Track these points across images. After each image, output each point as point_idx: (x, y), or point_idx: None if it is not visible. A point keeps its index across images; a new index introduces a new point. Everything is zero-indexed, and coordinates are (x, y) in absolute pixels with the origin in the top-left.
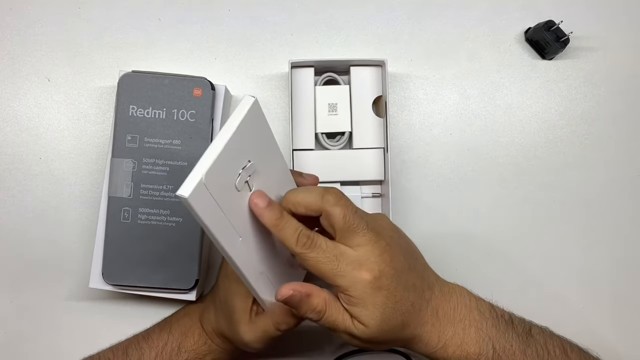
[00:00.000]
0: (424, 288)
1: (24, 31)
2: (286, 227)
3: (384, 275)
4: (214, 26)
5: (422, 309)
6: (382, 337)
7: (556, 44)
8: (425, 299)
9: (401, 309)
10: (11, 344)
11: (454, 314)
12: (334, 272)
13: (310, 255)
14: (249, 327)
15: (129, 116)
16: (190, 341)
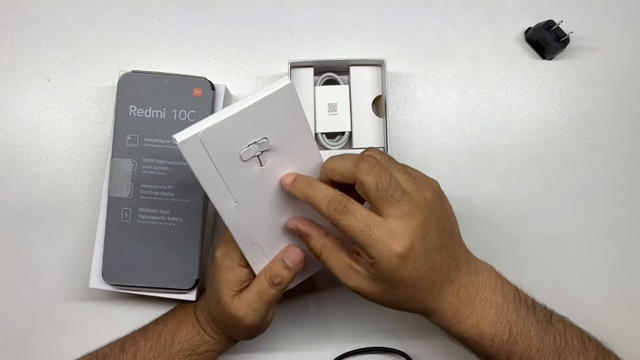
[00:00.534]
0: (451, 267)
1: (24, 31)
2: (317, 194)
3: (414, 251)
4: (214, 26)
5: (444, 288)
6: (387, 300)
7: (556, 44)
8: (450, 279)
9: (420, 286)
10: (11, 344)
11: (476, 294)
12: (366, 241)
13: (343, 221)
14: (239, 302)
15: (129, 116)
16: (183, 332)
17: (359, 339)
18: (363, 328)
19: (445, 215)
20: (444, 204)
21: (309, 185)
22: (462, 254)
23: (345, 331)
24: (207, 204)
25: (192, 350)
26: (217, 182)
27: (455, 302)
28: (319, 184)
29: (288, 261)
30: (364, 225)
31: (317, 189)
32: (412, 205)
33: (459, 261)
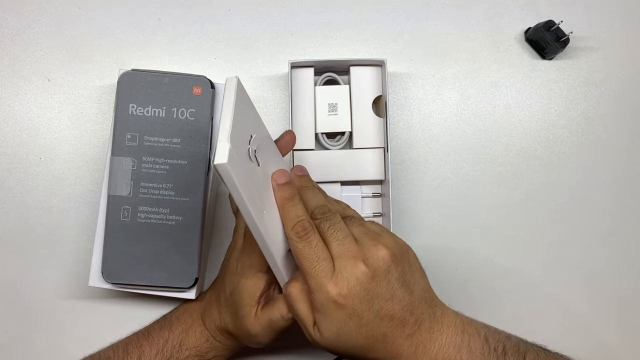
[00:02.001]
0: (407, 322)
1: (24, 31)
2: (291, 210)
3: (353, 295)
4: (214, 26)
5: (397, 342)
6: (341, 350)
7: (556, 44)
8: (406, 334)
9: (366, 333)
10: (11, 344)
11: (438, 353)
12: (308, 271)
13: (298, 245)
14: (255, 320)
15: (128, 115)
16: (192, 339)
17: None
18: None
19: (408, 269)
20: (407, 259)
21: (291, 199)
22: (424, 310)
23: None
24: (206, 202)
25: (201, 357)
26: (251, 193)
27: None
28: (300, 204)
29: None
30: (314, 255)
31: (294, 207)
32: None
33: (420, 317)
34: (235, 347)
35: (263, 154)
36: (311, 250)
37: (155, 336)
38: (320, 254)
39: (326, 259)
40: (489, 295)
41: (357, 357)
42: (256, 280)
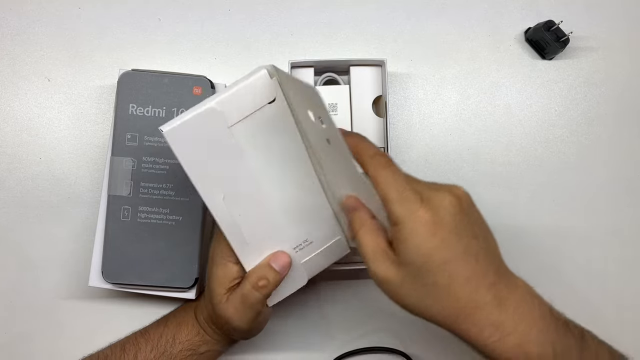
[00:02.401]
0: (489, 269)
1: (24, 31)
2: (369, 144)
3: (443, 223)
4: (214, 26)
5: (480, 290)
6: (413, 289)
7: (556, 44)
8: (488, 282)
9: (451, 272)
10: (11, 344)
11: (517, 310)
12: (397, 198)
13: (383, 172)
14: (227, 303)
15: (128, 115)
16: (184, 332)
17: (359, 339)
18: (363, 328)
19: (484, 221)
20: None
21: (363, 138)
22: (501, 263)
23: (345, 331)
24: None
25: (193, 351)
26: (203, 173)
27: (495, 313)
28: (371, 142)
29: (274, 264)
30: (401, 182)
31: (368, 142)
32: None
33: (498, 267)
34: (226, 342)
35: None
36: (397, 177)
37: (151, 332)
38: (406, 184)
39: (412, 189)
40: None
41: (428, 304)
42: (225, 269)
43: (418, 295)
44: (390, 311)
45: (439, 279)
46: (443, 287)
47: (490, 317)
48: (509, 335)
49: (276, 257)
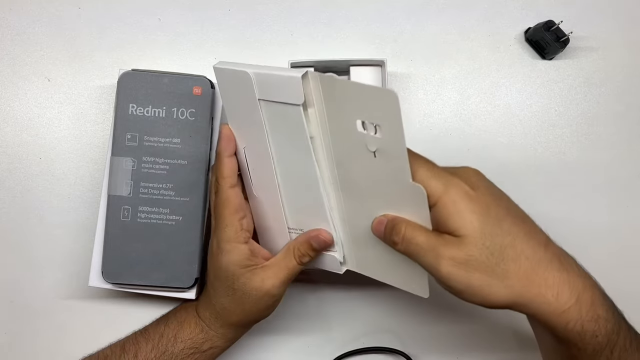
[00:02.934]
0: (536, 229)
1: (24, 31)
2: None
3: (481, 188)
4: (214, 26)
5: (540, 246)
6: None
7: (556, 44)
8: (543, 239)
9: (509, 229)
10: (11, 344)
11: (571, 283)
12: (430, 174)
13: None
14: (265, 273)
15: (128, 115)
16: (186, 331)
17: (359, 339)
18: (363, 328)
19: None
20: None
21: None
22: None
23: (345, 331)
24: (206, 202)
25: (196, 349)
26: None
27: (563, 272)
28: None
29: (315, 243)
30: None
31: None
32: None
33: (547, 238)
34: (231, 337)
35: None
36: (422, 159)
37: (151, 332)
38: (431, 164)
39: (438, 167)
40: None
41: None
42: (239, 251)
43: (489, 265)
44: (390, 311)
45: (505, 240)
46: (510, 247)
47: (561, 275)
48: (571, 309)
49: (317, 235)
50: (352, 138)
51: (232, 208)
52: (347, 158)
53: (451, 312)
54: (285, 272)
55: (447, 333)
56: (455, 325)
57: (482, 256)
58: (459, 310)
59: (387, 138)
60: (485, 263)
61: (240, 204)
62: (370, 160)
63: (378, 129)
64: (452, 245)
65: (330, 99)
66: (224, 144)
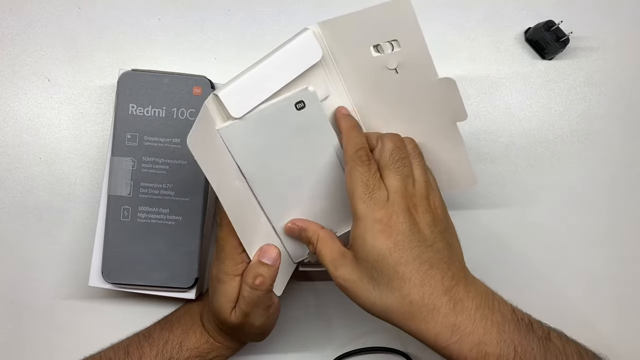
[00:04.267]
0: (445, 275)
1: (24, 31)
2: (356, 136)
3: (399, 229)
4: (214, 26)
5: (435, 293)
6: (371, 287)
7: (556, 44)
8: (444, 287)
9: (404, 274)
10: (11, 344)
11: (476, 312)
12: (362, 195)
13: (358, 169)
14: (236, 311)
15: (128, 115)
16: (192, 339)
17: (359, 339)
18: (363, 328)
19: (448, 229)
20: (449, 221)
21: (355, 127)
22: (460, 269)
23: (345, 331)
24: (206, 202)
25: (202, 357)
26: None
27: (451, 316)
28: (362, 134)
29: (265, 259)
30: (372, 182)
31: (359, 135)
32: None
33: (455, 274)
34: (236, 347)
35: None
36: (370, 177)
37: (155, 337)
38: (377, 182)
39: (382, 188)
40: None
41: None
42: (232, 283)
43: (375, 293)
44: None
45: (393, 280)
46: (397, 288)
47: (447, 319)
48: (469, 336)
49: (264, 252)
50: (369, 67)
51: (234, 242)
52: (368, 93)
53: None
54: (245, 304)
55: None
56: None
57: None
58: None
59: (408, 46)
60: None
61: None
62: (392, 79)
63: (395, 44)
64: (351, 265)
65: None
66: None
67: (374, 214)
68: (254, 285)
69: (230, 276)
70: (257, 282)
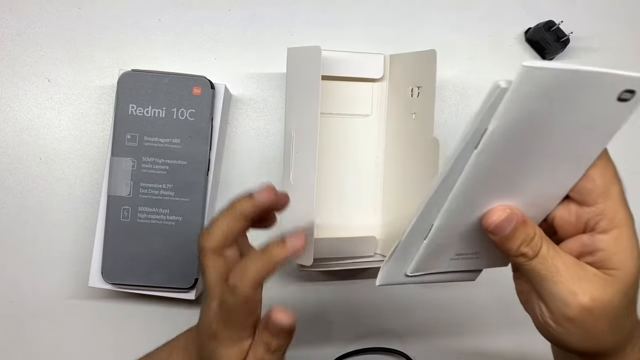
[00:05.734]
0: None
1: (24, 31)
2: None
3: None
4: (214, 26)
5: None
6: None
7: (556, 44)
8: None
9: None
10: (11, 344)
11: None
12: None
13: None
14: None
15: (128, 115)
16: None
17: (359, 339)
18: (363, 328)
19: None
20: None
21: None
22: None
23: (345, 331)
24: (206, 203)
25: None
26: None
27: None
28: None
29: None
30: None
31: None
32: None
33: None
34: None
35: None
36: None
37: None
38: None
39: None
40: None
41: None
42: (241, 346)
43: (617, 315)
44: (390, 311)
45: (637, 293)
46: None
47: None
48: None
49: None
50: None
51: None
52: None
53: (451, 313)
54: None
55: (447, 333)
56: (455, 325)
57: (620, 304)
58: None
59: (423, 97)
60: (616, 312)
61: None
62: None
63: (420, 91)
64: (596, 282)
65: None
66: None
67: (632, 220)
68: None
69: (235, 342)
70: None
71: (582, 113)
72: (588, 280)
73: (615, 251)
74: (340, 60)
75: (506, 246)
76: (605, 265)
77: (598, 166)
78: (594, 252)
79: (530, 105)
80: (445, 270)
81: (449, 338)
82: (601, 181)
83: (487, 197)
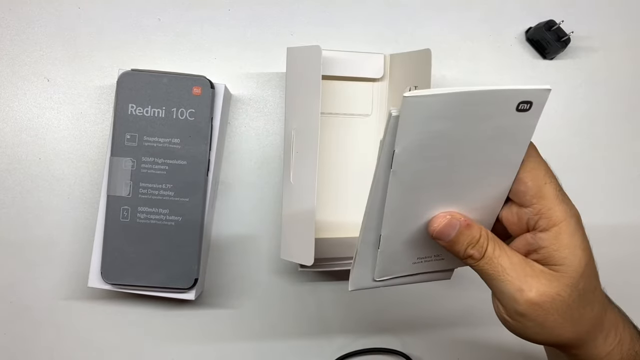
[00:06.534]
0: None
1: (24, 31)
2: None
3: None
4: (214, 26)
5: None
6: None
7: (557, 44)
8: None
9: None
10: (11, 344)
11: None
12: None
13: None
14: None
15: (128, 115)
16: None
17: (359, 339)
18: (363, 328)
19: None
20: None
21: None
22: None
23: (345, 332)
24: (206, 203)
25: None
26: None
27: (607, 327)
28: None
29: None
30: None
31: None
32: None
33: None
34: None
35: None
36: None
37: None
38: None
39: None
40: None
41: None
42: None
43: (569, 308)
44: (390, 312)
45: (593, 282)
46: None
47: (607, 317)
48: (623, 331)
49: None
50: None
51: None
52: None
53: (451, 313)
54: None
55: (447, 333)
56: (455, 325)
57: (570, 298)
58: (458, 311)
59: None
60: (567, 305)
61: None
62: None
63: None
64: (542, 278)
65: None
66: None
67: (574, 216)
68: None
69: None
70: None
71: (487, 125)
72: (534, 276)
73: (556, 248)
74: (340, 60)
75: (454, 250)
76: (550, 261)
77: (528, 168)
78: (538, 250)
79: (428, 127)
80: (412, 272)
81: (449, 338)
82: (532, 183)
83: (428, 206)
